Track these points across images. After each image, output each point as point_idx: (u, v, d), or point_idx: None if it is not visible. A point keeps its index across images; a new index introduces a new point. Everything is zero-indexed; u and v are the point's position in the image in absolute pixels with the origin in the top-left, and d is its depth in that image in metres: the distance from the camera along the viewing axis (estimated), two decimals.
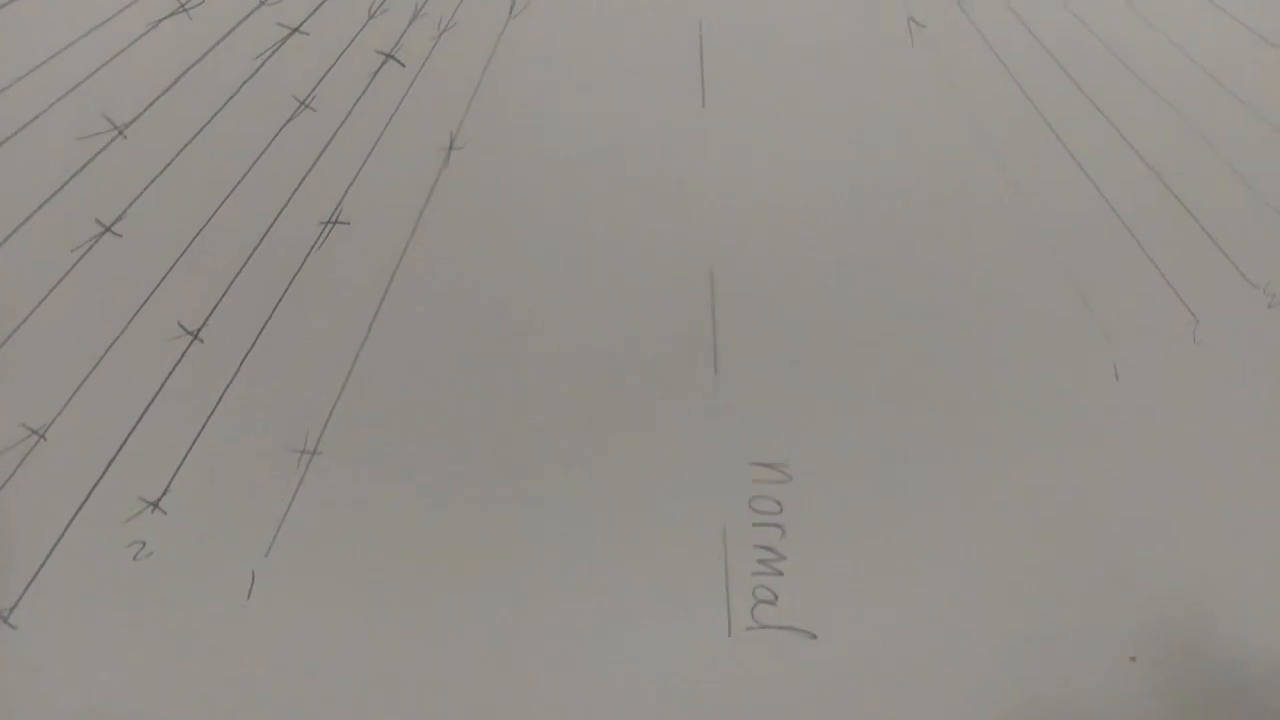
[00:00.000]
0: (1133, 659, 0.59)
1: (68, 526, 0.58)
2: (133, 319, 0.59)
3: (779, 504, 0.59)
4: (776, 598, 0.59)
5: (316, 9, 0.61)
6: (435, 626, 0.59)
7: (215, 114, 0.60)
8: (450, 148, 0.61)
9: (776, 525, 0.59)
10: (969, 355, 0.61)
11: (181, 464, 0.59)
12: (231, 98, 0.61)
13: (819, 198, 0.62)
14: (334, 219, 0.60)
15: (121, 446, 0.59)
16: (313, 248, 0.60)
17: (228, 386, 0.59)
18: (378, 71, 0.61)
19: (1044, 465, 0.61)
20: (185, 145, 0.60)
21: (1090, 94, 0.64)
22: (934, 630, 0.60)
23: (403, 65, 0.61)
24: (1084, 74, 0.64)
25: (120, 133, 0.60)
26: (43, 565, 0.58)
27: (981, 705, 0.60)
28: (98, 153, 0.60)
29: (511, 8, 0.62)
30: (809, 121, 0.63)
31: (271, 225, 0.60)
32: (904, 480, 0.61)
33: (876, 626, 0.59)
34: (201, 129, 0.60)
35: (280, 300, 0.60)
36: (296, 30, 0.60)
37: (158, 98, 0.60)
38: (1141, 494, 0.62)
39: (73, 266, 0.59)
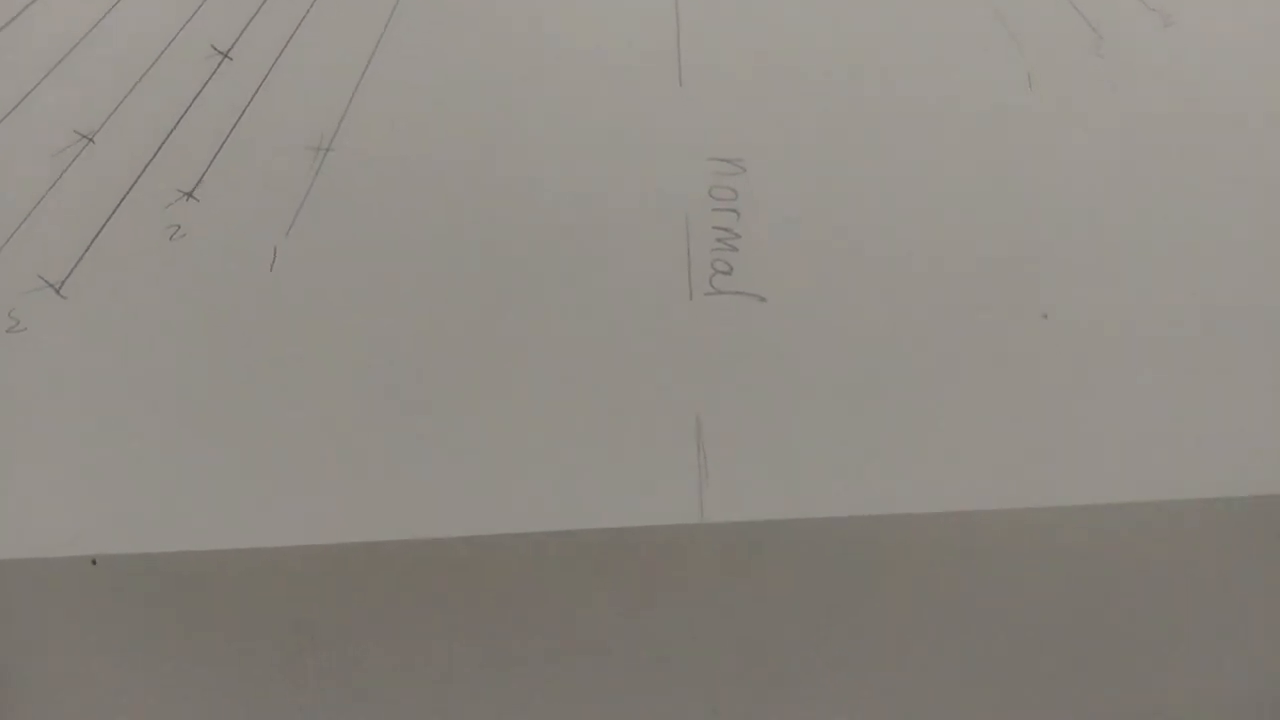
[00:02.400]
0: (1044, 316, 0.67)
1: (113, 213, 0.66)
2: (171, 42, 0.68)
3: (735, 192, 0.67)
4: (732, 269, 0.66)
5: None
6: (431, 295, 0.67)
7: None
8: None
9: (733, 210, 0.67)
10: (899, 63, 0.69)
11: (213, 160, 0.67)
12: None
13: None
14: None
15: (160, 147, 0.67)
16: None
17: (254, 96, 0.67)
18: None
19: (963, 154, 0.69)
20: None
21: None
22: (871, 288, 0.68)
23: None
24: None
25: None
26: (90, 244, 0.66)
27: (929, 347, 0.67)
28: None
29: None
30: None
31: None
32: (841, 172, 0.68)
33: (817, 292, 0.67)
34: None
35: (300, 24, 0.68)
36: None
37: None
38: (1048, 179, 0.69)
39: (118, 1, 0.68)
